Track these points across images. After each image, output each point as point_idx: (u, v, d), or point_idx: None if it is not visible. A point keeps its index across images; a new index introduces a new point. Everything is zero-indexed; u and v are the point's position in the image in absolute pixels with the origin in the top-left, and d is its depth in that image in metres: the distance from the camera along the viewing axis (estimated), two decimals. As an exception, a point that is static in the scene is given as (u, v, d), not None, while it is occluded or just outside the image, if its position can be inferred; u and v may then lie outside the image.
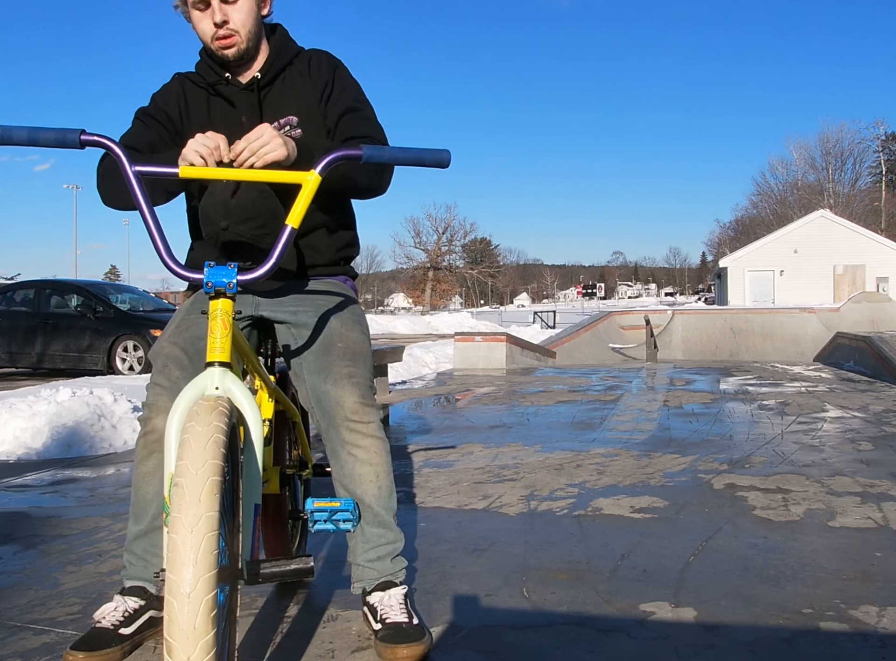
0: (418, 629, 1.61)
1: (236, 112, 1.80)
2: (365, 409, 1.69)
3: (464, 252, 68.56)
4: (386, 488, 1.72)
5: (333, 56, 1.88)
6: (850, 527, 2.52)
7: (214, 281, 1.32)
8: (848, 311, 17.61)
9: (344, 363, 1.71)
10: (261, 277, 1.36)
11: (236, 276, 1.32)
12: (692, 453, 3.81)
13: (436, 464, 3.64)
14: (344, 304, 1.83)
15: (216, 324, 1.32)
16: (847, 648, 1.63)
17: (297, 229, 1.39)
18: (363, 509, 1.71)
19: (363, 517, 1.71)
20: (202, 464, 1.12)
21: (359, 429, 1.68)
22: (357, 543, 1.73)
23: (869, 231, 34.86)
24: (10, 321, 10.66)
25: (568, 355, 12.51)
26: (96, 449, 4.12)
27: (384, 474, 1.72)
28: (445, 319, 25.62)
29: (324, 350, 1.73)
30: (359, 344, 1.77)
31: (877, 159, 56.23)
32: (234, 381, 1.31)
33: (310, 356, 1.75)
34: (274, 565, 1.27)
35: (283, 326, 1.81)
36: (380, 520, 1.71)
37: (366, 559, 1.72)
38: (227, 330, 1.31)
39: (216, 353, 1.30)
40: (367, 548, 1.71)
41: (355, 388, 1.69)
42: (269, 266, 1.36)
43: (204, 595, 1.05)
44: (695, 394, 6.60)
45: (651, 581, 2.04)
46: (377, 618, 1.66)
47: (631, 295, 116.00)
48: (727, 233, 65.19)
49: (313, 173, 1.39)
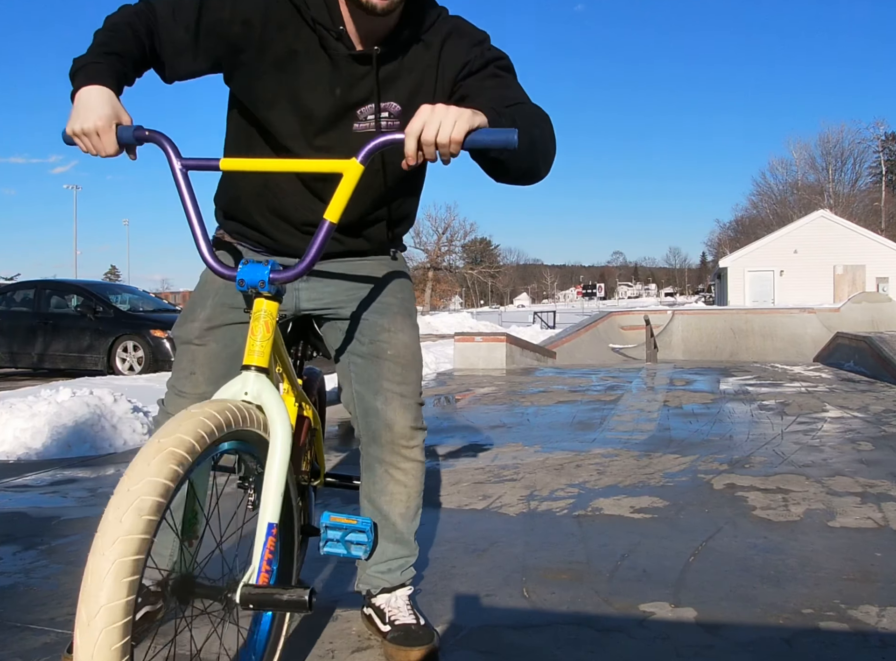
0: (427, 631, 1.62)
1: (331, 79, 1.45)
2: (414, 433, 1.63)
3: (464, 252, 68.55)
4: (414, 509, 1.68)
5: (477, 30, 1.53)
6: (850, 527, 2.52)
7: (248, 279, 1.24)
8: (848, 311, 17.60)
9: (395, 378, 1.61)
10: (294, 277, 1.27)
11: (269, 274, 1.24)
12: (692, 454, 3.81)
13: (436, 464, 3.64)
14: (393, 291, 1.67)
15: (258, 326, 1.25)
16: (847, 648, 1.63)
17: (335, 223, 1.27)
18: (385, 525, 1.66)
19: (382, 532, 1.66)
20: (139, 480, 1.01)
21: (403, 453, 1.63)
22: (374, 557, 1.68)
23: (869, 231, 34.87)
24: (10, 321, 10.66)
25: (568, 355, 12.50)
26: (96, 449, 4.12)
27: (415, 495, 1.67)
28: (445, 320, 25.59)
29: (373, 357, 1.62)
30: (409, 350, 1.65)
31: (877, 159, 56.24)
32: (268, 388, 1.24)
33: (358, 361, 1.64)
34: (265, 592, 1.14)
35: (327, 322, 1.69)
36: (399, 537, 1.68)
37: (377, 570, 1.69)
38: (269, 333, 1.25)
39: (255, 356, 1.24)
40: (381, 561, 1.68)
41: (407, 411, 1.61)
42: (305, 264, 1.26)
43: (106, 625, 0.97)
44: (695, 394, 6.59)
45: (651, 581, 2.04)
46: (385, 620, 1.65)
47: (631, 295, 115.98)
48: (727, 233, 65.22)
49: (354, 162, 1.25)
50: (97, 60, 1.33)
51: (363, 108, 1.48)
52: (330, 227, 1.26)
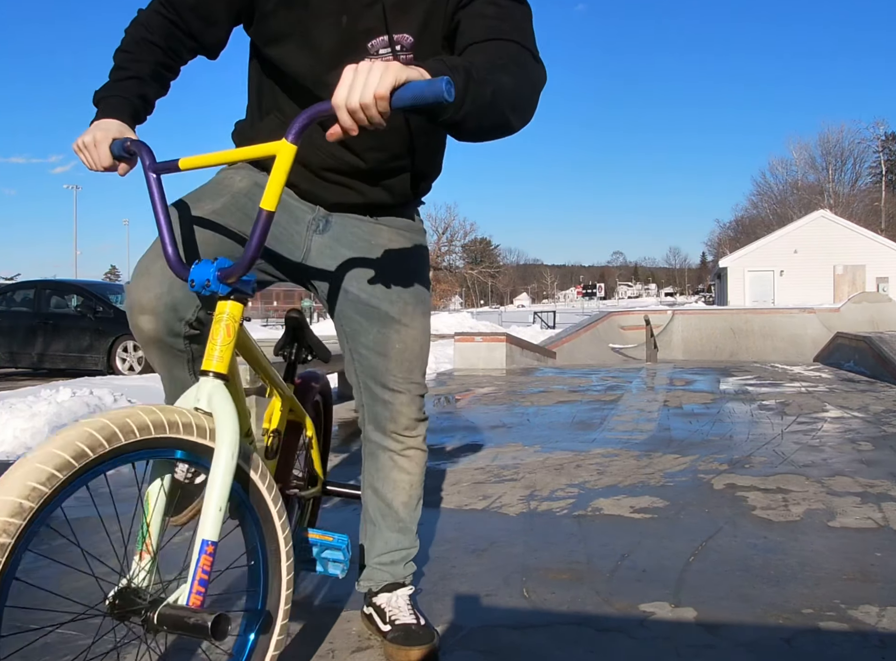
0: (427, 631, 1.61)
1: (338, 7, 1.39)
2: (417, 423, 1.64)
3: (464, 252, 68.54)
4: (416, 497, 1.69)
5: None
6: (850, 527, 2.52)
7: (198, 279, 1.16)
8: (848, 311, 17.61)
9: (402, 374, 1.59)
10: (237, 272, 1.16)
11: (215, 273, 1.16)
12: (692, 453, 3.81)
13: (436, 464, 3.64)
14: (408, 272, 1.60)
15: (219, 329, 1.18)
16: (847, 648, 1.63)
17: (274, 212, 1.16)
18: (388, 514, 1.66)
19: (385, 522, 1.67)
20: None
21: (407, 442, 1.64)
22: (374, 545, 1.69)
23: (869, 231, 34.89)
24: (10, 321, 10.67)
25: (568, 355, 12.50)
26: (96, 449, 4.12)
27: (418, 483, 1.68)
28: (445, 320, 25.55)
29: (379, 351, 1.58)
30: (418, 343, 1.61)
31: (877, 159, 56.27)
32: (220, 394, 1.16)
33: (363, 352, 1.60)
34: (175, 614, 1.06)
35: (331, 288, 1.60)
36: (402, 527, 1.68)
37: (379, 562, 1.69)
38: (230, 338, 1.18)
39: (213, 361, 1.17)
40: (383, 551, 1.68)
41: (412, 404, 1.62)
42: (248, 258, 1.15)
43: None
44: (695, 394, 6.59)
45: (651, 581, 2.04)
46: (386, 619, 1.65)
47: (631, 295, 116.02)
48: (727, 233, 65.27)
49: (285, 143, 1.14)
50: (113, 94, 1.40)
51: (374, 41, 1.39)
52: (267, 217, 1.15)
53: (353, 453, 3.97)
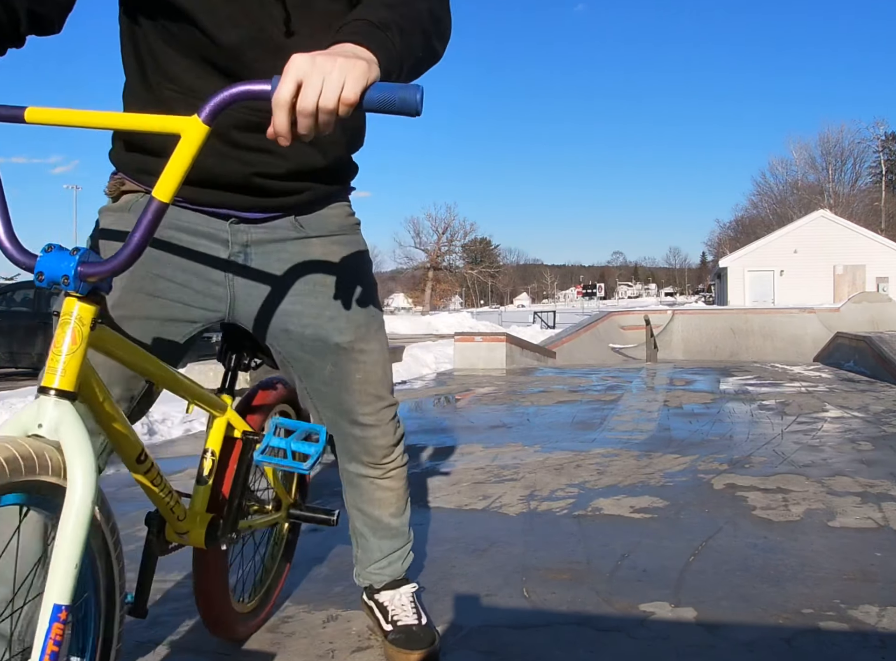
0: (429, 632, 1.59)
1: None
2: (395, 449, 1.53)
3: (464, 252, 68.62)
4: (404, 504, 1.61)
5: None
6: (850, 527, 2.52)
7: (49, 272, 0.91)
8: (848, 311, 17.60)
9: (369, 405, 1.44)
10: (112, 271, 0.92)
11: (77, 267, 0.90)
12: (692, 453, 3.81)
13: (436, 464, 3.64)
14: (354, 288, 1.40)
15: (63, 335, 0.92)
16: (847, 648, 1.63)
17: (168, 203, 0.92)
18: (379, 527, 1.58)
19: (376, 533, 1.58)
20: None
21: (387, 466, 1.53)
22: (369, 555, 1.62)
23: (869, 231, 34.89)
24: (10, 321, 10.67)
25: (568, 355, 12.50)
26: (96, 449, 4.12)
27: (403, 492, 1.60)
28: (445, 320, 25.61)
29: (340, 383, 1.41)
30: (379, 364, 1.45)
31: (877, 159, 56.26)
32: (70, 419, 0.90)
33: (321, 389, 1.43)
34: None
35: (274, 337, 1.39)
36: (394, 533, 1.61)
37: (378, 567, 1.63)
38: (77, 346, 0.92)
39: (55, 376, 0.91)
40: (380, 558, 1.62)
41: (387, 433, 1.49)
42: (129, 250, 0.91)
43: None
44: (695, 394, 6.60)
45: (651, 581, 2.04)
46: (388, 619, 1.61)
47: (631, 295, 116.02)
48: (727, 233, 65.27)
49: (196, 120, 0.92)
50: None
51: None
52: (158, 208, 0.92)
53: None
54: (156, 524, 1.34)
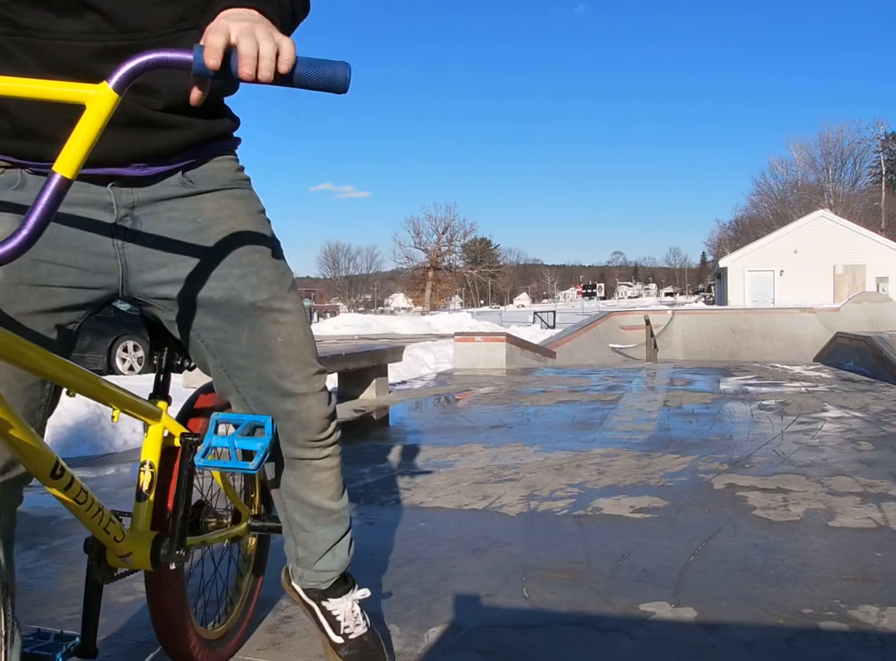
0: (378, 641, 1.49)
1: None
2: (330, 422, 1.36)
3: (464, 252, 68.67)
4: (342, 486, 1.43)
5: None
6: (850, 527, 2.52)
7: None
8: (848, 311, 17.59)
9: (298, 370, 1.28)
10: (6, 257, 0.79)
11: None
12: (692, 453, 3.82)
13: (436, 464, 3.64)
14: (257, 241, 1.26)
15: None
16: (847, 648, 1.63)
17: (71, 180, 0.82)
18: (319, 514, 1.40)
19: (317, 520, 1.40)
20: None
21: (325, 443, 1.36)
22: (312, 548, 1.42)
23: (869, 231, 34.90)
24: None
25: (568, 355, 12.50)
26: (96, 449, 4.13)
27: (340, 472, 1.42)
28: (445, 320, 25.59)
29: (260, 350, 1.25)
30: (299, 325, 1.30)
31: (877, 159, 56.27)
32: None
33: (239, 362, 1.26)
34: None
35: (169, 310, 1.23)
36: (336, 517, 1.42)
37: (325, 562, 1.43)
38: None
39: None
40: (325, 550, 1.43)
41: (321, 402, 1.32)
42: (27, 232, 0.80)
43: None
44: (695, 394, 6.60)
45: (651, 581, 2.04)
46: (339, 630, 1.46)
47: (631, 295, 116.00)
48: (727, 233, 65.28)
49: (105, 88, 0.83)
50: None
51: None
52: (61, 183, 0.81)
53: (352, 452, 3.98)
54: (94, 550, 1.20)
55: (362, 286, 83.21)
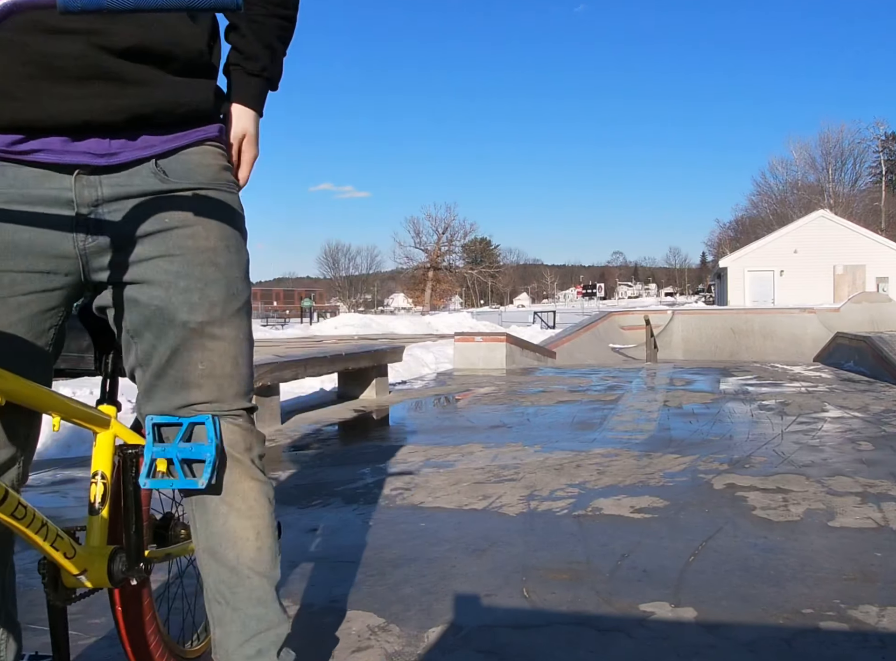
0: None
1: None
2: (250, 452, 1.17)
3: (464, 252, 68.65)
4: (268, 550, 1.18)
5: None
6: (850, 527, 2.52)
7: None
8: (848, 311, 17.60)
9: (209, 403, 1.13)
10: None
11: None
12: (692, 453, 3.82)
13: (436, 464, 3.64)
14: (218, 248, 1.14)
15: None
16: (847, 648, 1.64)
17: None
18: (238, 584, 1.14)
19: (236, 596, 1.15)
20: None
21: (240, 470, 1.15)
22: (229, 633, 1.16)
23: (869, 231, 34.91)
24: (10, 321, 10.65)
25: (568, 355, 12.50)
26: (96, 449, 4.12)
27: (266, 529, 1.17)
28: (445, 320, 25.58)
29: (175, 376, 1.12)
30: (229, 357, 1.15)
31: (877, 159, 56.29)
32: None
33: (152, 382, 1.15)
34: None
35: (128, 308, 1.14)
36: (259, 596, 1.16)
37: (244, 655, 1.15)
38: None
39: None
40: (245, 639, 1.15)
41: (233, 434, 1.14)
42: None
43: None
44: (695, 394, 6.60)
45: (651, 581, 2.04)
46: None
47: (631, 295, 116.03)
48: (727, 233, 65.30)
49: None
50: None
51: None
52: None
53: (353, 452, 3.98)
54: (48, 571, 1.11)
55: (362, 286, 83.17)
